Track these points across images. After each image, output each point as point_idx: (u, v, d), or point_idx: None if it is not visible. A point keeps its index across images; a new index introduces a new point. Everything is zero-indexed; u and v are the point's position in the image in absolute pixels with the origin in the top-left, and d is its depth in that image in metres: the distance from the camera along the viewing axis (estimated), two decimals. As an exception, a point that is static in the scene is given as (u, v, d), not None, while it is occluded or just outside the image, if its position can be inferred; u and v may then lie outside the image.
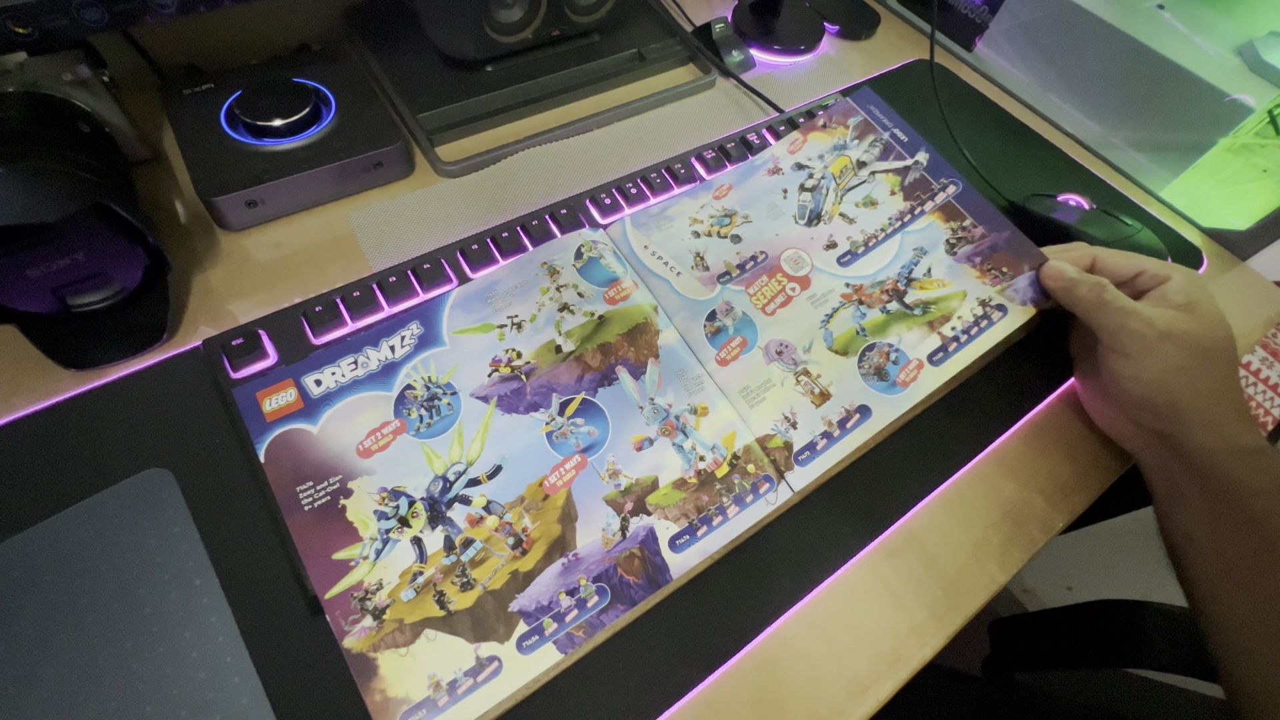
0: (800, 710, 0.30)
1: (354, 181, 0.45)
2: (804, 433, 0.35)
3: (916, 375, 0.37)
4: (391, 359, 0.35)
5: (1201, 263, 0.50)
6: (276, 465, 0.31)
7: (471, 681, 0.28)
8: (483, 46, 0.49)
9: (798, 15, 0.62)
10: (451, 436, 0.33)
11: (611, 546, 0.31)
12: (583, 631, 0.30)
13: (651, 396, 0.35)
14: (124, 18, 0.37)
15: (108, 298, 0.36)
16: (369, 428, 0.33)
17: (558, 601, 0.30)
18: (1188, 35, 0.51)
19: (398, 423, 0.33)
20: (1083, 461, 0.39)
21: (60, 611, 0.28)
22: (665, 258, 0.40)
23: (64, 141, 0.35)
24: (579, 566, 0.31)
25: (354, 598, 0.29)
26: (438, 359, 0.35)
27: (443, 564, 0.30)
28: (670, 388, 0.36)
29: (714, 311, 0.38)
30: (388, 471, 0.32)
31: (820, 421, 0.36)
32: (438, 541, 0.31)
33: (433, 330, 0.36)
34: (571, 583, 0.31)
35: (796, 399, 0.36)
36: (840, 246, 0.41)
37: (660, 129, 0.52)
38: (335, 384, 0.34)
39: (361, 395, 0.34)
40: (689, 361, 0.37)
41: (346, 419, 0.33)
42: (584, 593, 0.30)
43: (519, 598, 0.30)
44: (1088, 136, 0.57)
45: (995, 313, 0.39)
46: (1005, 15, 0.58)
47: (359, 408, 0.33)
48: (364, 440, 0.32)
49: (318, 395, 0.33)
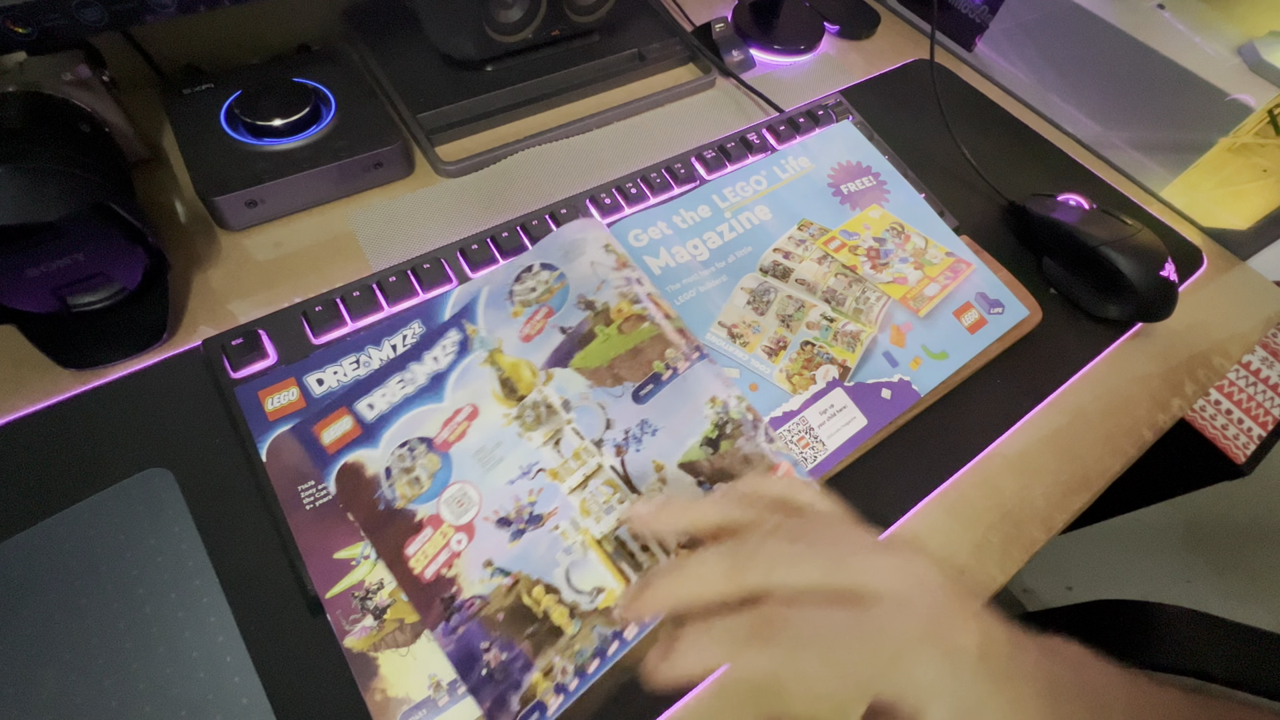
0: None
1: (354, 181, 0.45)
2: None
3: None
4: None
5: (1201, 263, 0.50)
6: (278, 464, 0.31)
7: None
8: (482, 46, 0.49)
9: (798, 15, 0.62)
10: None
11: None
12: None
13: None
14: (123, 17, 0.37)
15: (108, 297, 0.36)
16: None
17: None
18: (1188, 35, 0.50)
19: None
20: (1083, 461, 0.39)
21: (60, 611, 0.28)
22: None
23: (64, 141, 0.35)
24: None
25: (355, 597, 0.29)
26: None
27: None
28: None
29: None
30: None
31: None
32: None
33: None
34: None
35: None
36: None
37: (660, 129, 0.52)
38: (337, 383, 0.34)
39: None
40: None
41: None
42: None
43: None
44: (1088, 136, 0.57)
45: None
46: (1005, 15, 0.58)
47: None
48: None
49: (320, 395, 0.33)
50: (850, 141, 0.47)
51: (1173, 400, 0.43)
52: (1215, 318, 0.47)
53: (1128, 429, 0.41)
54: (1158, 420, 0.42)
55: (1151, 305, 0.43)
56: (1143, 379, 0.43)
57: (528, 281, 0.37)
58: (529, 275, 0.37)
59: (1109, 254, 0.43)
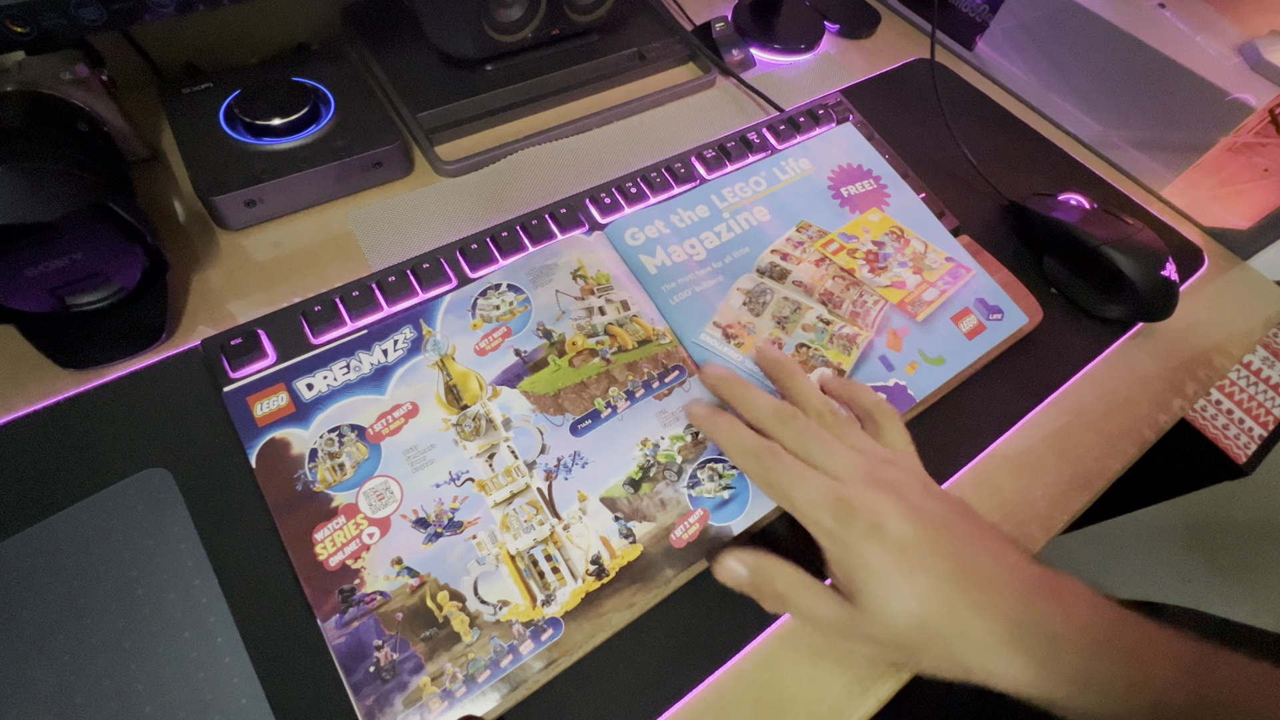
0: (801, 710, 0.30)
1: (353, 181, 0.45)
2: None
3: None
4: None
5: (1202, 262, 0.50)
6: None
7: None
8: (482, 46, 0.49)
9: (798, 14, 0.61)
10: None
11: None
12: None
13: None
14: (122, 17, 0.36)
15: (106, 297, 0.36)
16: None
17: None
18: (1189, 34, 0.50)
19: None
20: (1083, 461, 0.39)
21: (59, 612, 0.28)
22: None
23: (62, 141, 0.35)
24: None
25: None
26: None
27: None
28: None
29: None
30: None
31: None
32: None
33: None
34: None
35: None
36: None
37: (660, 128, 0.52)
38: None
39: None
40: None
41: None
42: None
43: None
44: (1088, 136, 0.57)
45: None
46: (1006, 14, 0.58)
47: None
48: None
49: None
50: (851, 144, 0.47)
51: (1173, 400, 0.43)
52: (1216, 317, 0.47)
53: (1128, 429, 0.41)
54: (1158, 420, 0.42)
55: (1152, 305, 0.43)
56: (1143, 379, 0.43)
57: (493, 299, 0.37)
58: (495, 293, 0.37)
59: (1110, 253, 0.42)
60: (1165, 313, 0.44)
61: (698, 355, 0.37)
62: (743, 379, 0.33)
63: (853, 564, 0.27)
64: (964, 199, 0.50)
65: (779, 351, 0.35)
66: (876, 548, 0.26)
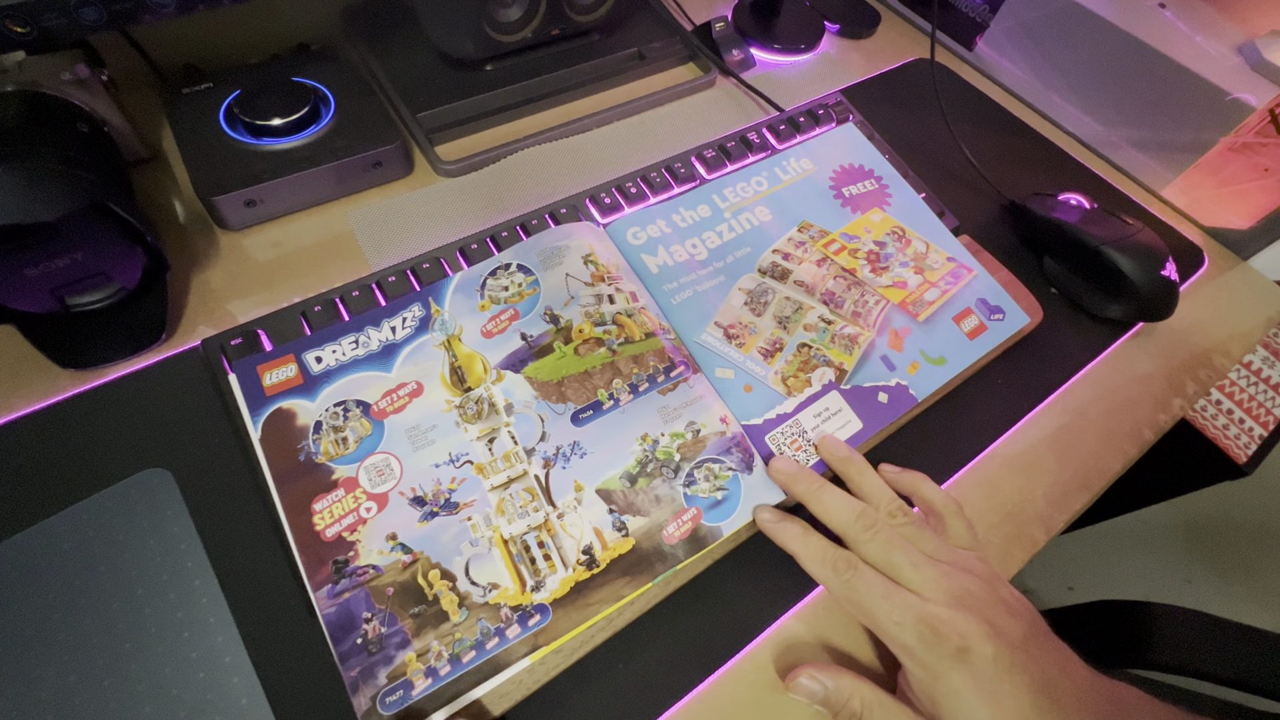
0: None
1: (353, 181, 0.45)
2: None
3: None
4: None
5: (1202, 262, 0.50)
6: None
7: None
8: (482, 45, 0.49)
9: (798, 14, 0.61)
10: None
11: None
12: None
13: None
14: (122, 17, 0.37)
15: (106, 297, 0.36)
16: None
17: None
18: (1189, 34, 0.50)
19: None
20: (1083, 461, 0.39)
21: (59, 612, 0.28)
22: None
23: (62, 141, 0.35)
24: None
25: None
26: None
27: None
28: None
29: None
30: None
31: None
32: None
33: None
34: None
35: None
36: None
37: (660, 128, 0.52)
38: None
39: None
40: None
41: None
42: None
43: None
44: (1089, 135, 0.57)
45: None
46: (1006, 14, 0.58)
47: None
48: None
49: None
50: (853, 144, 0.47)
51: (1174, 400, 0.43)
52: (1216, 317, 0.47)
53: (1128, 429, 0.41)
54: (1159, 420, 0.42)
55: (1152, 305, 0.43)
56: (1144, 378, 0.43)
57: (502, 279, 0.37)
58: (504, 273, 0.37)
59: (1110, 253, 0.42)
60: (1165, 313, 0.44)
61: (699, 355, 0.37)
62: (814, 475, 0.33)
63: (938, 688, 0.27)
64: (964, 199, 0.50)
65: (845, 445, 0.34)
66: (963, 673, 0.26)
